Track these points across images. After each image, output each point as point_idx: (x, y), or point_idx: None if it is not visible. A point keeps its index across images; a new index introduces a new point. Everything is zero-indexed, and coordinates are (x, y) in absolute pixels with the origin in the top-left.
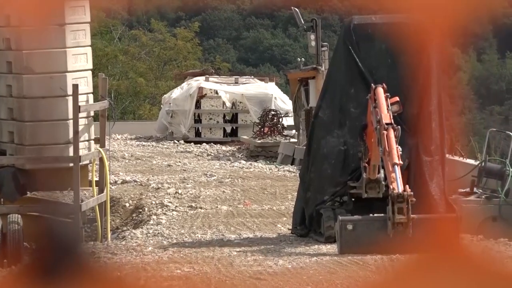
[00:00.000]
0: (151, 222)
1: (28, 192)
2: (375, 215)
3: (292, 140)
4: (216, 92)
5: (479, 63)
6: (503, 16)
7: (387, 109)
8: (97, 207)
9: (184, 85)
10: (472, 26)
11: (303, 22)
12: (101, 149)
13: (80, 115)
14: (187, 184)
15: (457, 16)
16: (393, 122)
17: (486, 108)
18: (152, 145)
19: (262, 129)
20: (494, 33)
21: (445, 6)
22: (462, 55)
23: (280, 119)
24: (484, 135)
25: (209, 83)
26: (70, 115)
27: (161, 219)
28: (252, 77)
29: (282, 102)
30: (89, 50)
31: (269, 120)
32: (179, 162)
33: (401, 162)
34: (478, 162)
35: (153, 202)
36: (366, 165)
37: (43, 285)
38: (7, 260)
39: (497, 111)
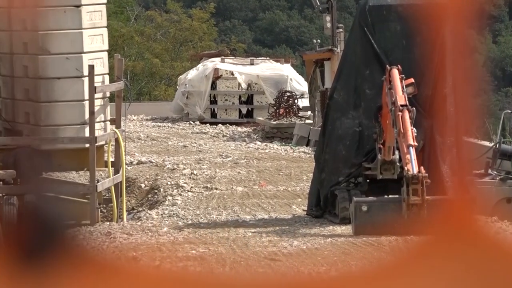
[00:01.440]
0: (167, 202)
1: (43, 173)
2: (390, 196)
3: (307, 121)
4: (232, 73)
5: (494, 45)
6: None
7: (402, 90)
8: (112, 187)
9: (200, 66)
10: (488, 7)
11: (318, 3)
12: (116, 130)
13: (96, 96)
14: (203, 165)
15: None
16: (408, 103)
17: (501, 90)
18: (168, 126)
19: (278, 110)
20: (510, 15)
21: None
22: (477, 36)
23: (296, 101)
24: (499, 117)
25: (225, 64)
26: (86, 96)
27: (177, 199)
28: (268, 58)
29: (298, 83)
30: (105, 31)
31: (284, 101)
32: (195, 143)
33: (416, 144)
34: (492, 143)
35: (169, 183)
36: (381, 146)
37: (25, 266)
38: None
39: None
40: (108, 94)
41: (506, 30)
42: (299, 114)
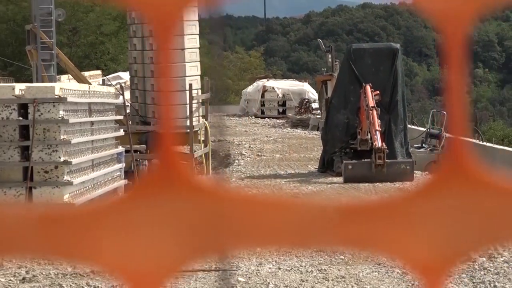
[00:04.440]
0: (235, 164)
1: None
2: (365, 160)
3: (317, 116)
4: (273, 88)
5: (428, 71)
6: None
7: (372, 98)
8: (203, 155)
9: (255, 83)
10: (424, 49)
11: (324, 47)
12: (205, 121)
13: (194, 101)
14: (256, 141)
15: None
16: (375, 106)
17: (432, 98)
18: (236, 119)
19: (300, 110)
20: (436, 54)
21: None
22: (418, 66)
23: (311, 104)
24: (429, 113)
25: (270, 83)
26: (187, 101)
27: (240, 162)
28: (294, 79)
29: (312, 94)
30: (198, 64)
31: (304, 104)
32: (252, 129)
33: (380, 129)
34: (425, 129)
35: (236, 152)
36: (360, 130)
37: None
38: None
39: (438, 99)
40: (200, 100)
41: (435, 63)
42: (312, 112)
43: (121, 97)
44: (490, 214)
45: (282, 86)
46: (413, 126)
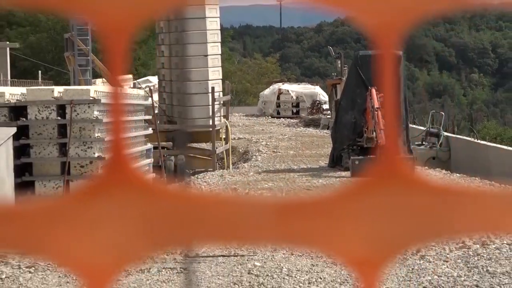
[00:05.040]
0: (252, 159)
1: (188, 143)
2: (370, 156)
3: (328, 116)
4: (288, 91)
5: (428, 76)
6: (441, 51)
7: (377, 99)
8: (224, 151)
9: (271, 87)
10: (424, 56)
11: (334, 54)
12: (226, 121)
13: (216, 102)
14: (272, 139)
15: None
16: (380, 107)
17: (431, 100)
18: (254, 119)
19: (312, 111)
20: (436, 60)
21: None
22: (419, 71)
23: (322, 105)
24: (429, 114)
25: (285, 86)
26: (210, 103)
27: (258, 158)
28: (307, 83)
29: (323, 96)
30: (220, 69)
31: (315, 106)
32: (268, 128)
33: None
34: (425, 128)
35: (254, 149)
36: (366, 129)
37: None
38: (177, 179)
39: (438, 101)
40: (222, 102)
41: (434, 68)
42: (323, 113)
43: (150, 98)
44: (421, 211)
45: (296, 89)
46: (414, 126)
